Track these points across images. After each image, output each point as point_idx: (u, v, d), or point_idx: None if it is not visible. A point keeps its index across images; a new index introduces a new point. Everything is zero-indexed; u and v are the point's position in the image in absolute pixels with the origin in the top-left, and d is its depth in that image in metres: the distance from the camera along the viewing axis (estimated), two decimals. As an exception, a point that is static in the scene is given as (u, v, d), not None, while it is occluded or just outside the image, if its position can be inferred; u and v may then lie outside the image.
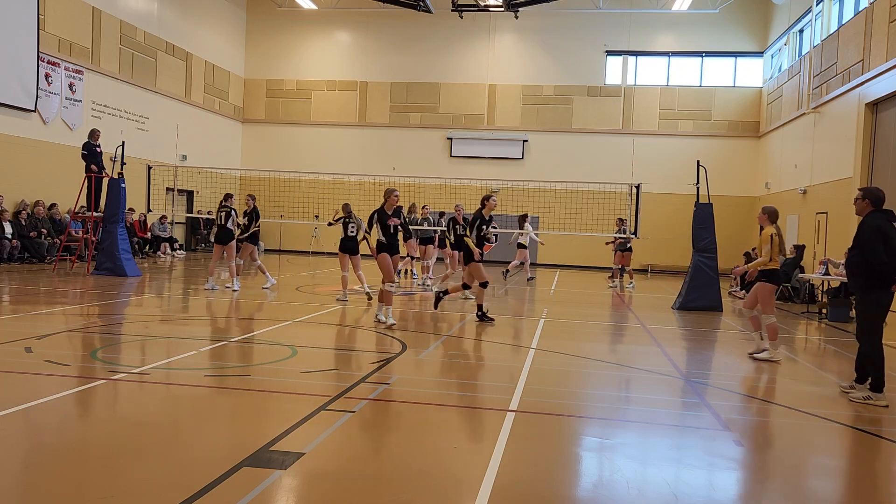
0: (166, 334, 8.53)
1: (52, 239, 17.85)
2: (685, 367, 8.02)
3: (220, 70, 27.73)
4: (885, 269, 6.03)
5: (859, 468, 4.76)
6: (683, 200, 21.92)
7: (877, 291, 6.15)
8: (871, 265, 6.08)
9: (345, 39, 29.29)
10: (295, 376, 6.45)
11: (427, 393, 6.07)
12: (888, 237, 6.08)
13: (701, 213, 13.94)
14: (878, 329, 6.19)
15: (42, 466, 3.86)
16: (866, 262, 6.11)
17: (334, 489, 3.74)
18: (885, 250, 6.03)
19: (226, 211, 13.26)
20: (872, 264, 6.07)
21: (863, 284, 6.20)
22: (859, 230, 6.25)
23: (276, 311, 10.73)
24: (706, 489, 4.09)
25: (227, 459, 4.01)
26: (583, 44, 27.64)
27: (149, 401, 5.51)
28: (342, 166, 26.91)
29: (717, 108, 27.06)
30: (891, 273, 6.06)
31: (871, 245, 6.07)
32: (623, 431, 5.19)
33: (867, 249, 6.09)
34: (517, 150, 27.95)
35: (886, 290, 6.12)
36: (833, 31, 19.76)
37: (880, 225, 6.13)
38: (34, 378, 5.84)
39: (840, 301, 13.08)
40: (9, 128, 17.39)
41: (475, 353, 8.27)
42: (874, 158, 17.09)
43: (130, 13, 22.13)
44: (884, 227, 6.11)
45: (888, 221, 6.20)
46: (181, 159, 23.57)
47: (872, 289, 6.16)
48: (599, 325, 11.37)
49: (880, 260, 6.02)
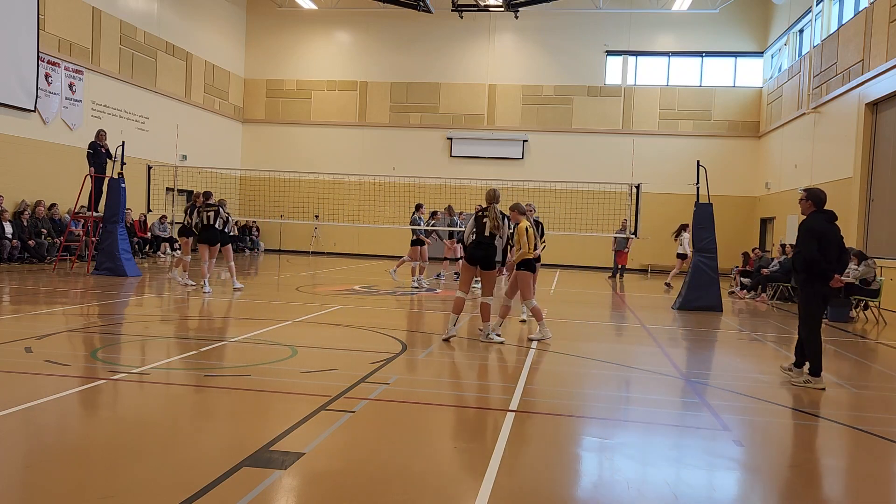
0: (166, 334, 8.53)
1: (53, 239, 17.85)
2: (685, 367, 8.03)
3: (220, 70, 27.73)
4: (818, 265, 6.62)
5: (859, 468, 4.76)
6: (683, 200, 21.91)
7: (816, 286, 6.75)
8: (808, 262, 6.67)
9: (345, 39, 29.29)
10: (295, 376, 6.45)
11: (427, 393, 6.07)
12: (824, 235, 6.67)
13: (701, 213, 13.94)
14: (818, 319, 6.85)
15: (42, 466, 3.86)
16: (805, 259, 6.70)
17: (334, 489, 3.74)
18: (823, 247, 6.62)
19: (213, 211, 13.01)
20: (809, 261, 6.65)
21: (804, 279, 6.82)
22: (798, 230, 6.89)
23: (276, 311, 10.72)
24: (706, 489, 4.09)
25: (227, 459, 4.01)
26: (583, 44, 27.64)
27: (149, 401, 5.51)
28: (342, 166, 26.92)
29: (717, 108, 27.06)
30: (825, 269, 6.63)
31: (806, 244, 6.68)
32: (623, 431, 5.19)
33: (803, 248, 6.70)
34: (517, 150, 27.95)
35: (824, 284, 6.70)
36: (833, 31, 19.76)
37: (814, 225, 6.73)
38: (34, 378, 5.84)
39: (840, 301, 13.08)
40: (9, 128, 17.39)
41: (475, 353, 8.27)
42: (874, 158, 17.09)
43: (130, 13, 22.13)
44: (819, 226, 6.71)
45: (827, 222, 6.78)
46: (181, 159, 23.57)
47: (813, 283, 6.77)
48: (599, 325, 11.37)
49: (813, 257, 6.62)
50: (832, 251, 6.69)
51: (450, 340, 8.56)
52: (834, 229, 6.78)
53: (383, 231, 22.95)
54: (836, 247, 6.75)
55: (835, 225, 6.82)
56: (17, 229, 17.08)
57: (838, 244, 6.80)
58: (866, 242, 16.83)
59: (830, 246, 6.68)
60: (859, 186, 17.26)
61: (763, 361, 8.31)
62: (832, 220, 6.84)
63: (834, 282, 6.72)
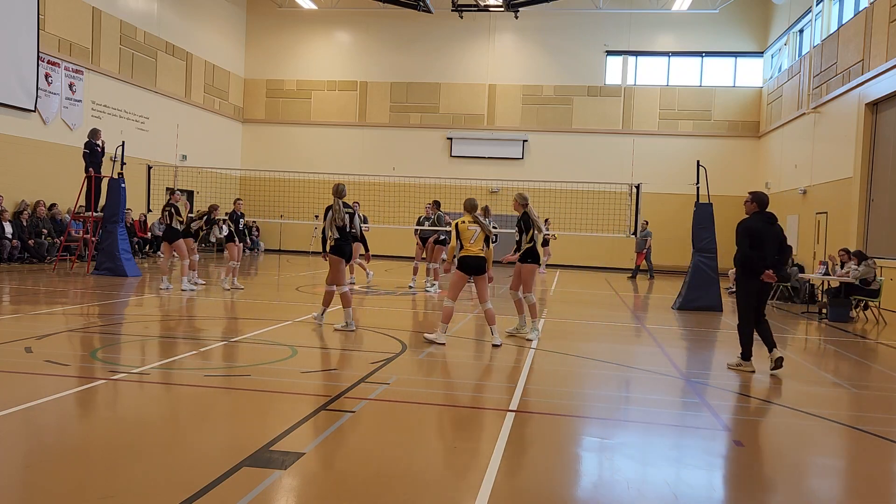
0: (166, 334, 8.53)
1: (53, 239, 17.85)
2: (685, 367, 8.03)
3: (220, 70, 27.73)
4: (750, 261, 7.33)
5: (859, 468, 4.76)
6: (683, 200, 21.91)
7: (750, 280, 7.42)
8: (742, 258, 7.39)
9: (345, 39, 29.29)
10: (295, 376, 6.45)
11: (427, 393, 6.07)
12: (761, 234, 7.35)
13: (701, 213, 13.94)
14: (751, 309, 7.52)
15: (42, 466, 3.86)
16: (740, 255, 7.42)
17: (334, 489, 3.74)
18: (759, 246, 7.31)
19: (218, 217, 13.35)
20: (742, 258, 7.39)
21: (739, 274, 7.53)
22: (736, 229, 7.53)
23: (277, 311, 10.72)
24: (706, 489, 4.10)
25: (227, 459, 4.01)
26: (583, 44, 27.64)
27: (149, 401, 5.51)
28: (342, 166, 26.90)
29: (717, 108, 27.06)
30: (758, 265, 7.30)
31: (741, 242, 7.40)
32: (623, 431, 5.19)
33: (739, 246, 7.42)
34: (517, 150, 27.94)
35: (756, 279, 7.36)
36: (833, 31, 19.76)
37: (751, 225, 7.42)
38: (34, 378, 5.84)
39: (840, 301, 13.08)
40: (9, 128, 17.39)
41: (475, 353, 8.27)
42: (874, 158, 17.09)
43: (130, 13, 22.13)
44: (757, 226, 7.41)
45: (766, 223, 7.45)
46: (181, 159, 23.57)
47: (747, 278, 7.44)
48: (599, 325, 11.37)
49: (747, 254, 7.33)
50: (769, 249, 7.35)
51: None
52: (774, 230, 7.45)
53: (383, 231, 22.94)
54: (774, 245, 7.40)
55: (775, 226, 7.49)
56: (17, 229, 17.08)
57: (779, 243, 7.44)
58: (866, 242, 16.83)
59: (766, 244, 7.34)
60: (859, 186, 17.26)
61: (763, 361, 8.31)
62: (772, 221, 7.50)
63: (765, 276, 7.29)
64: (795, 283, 16.39)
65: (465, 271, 8.39)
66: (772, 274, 7.31)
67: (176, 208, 12.95)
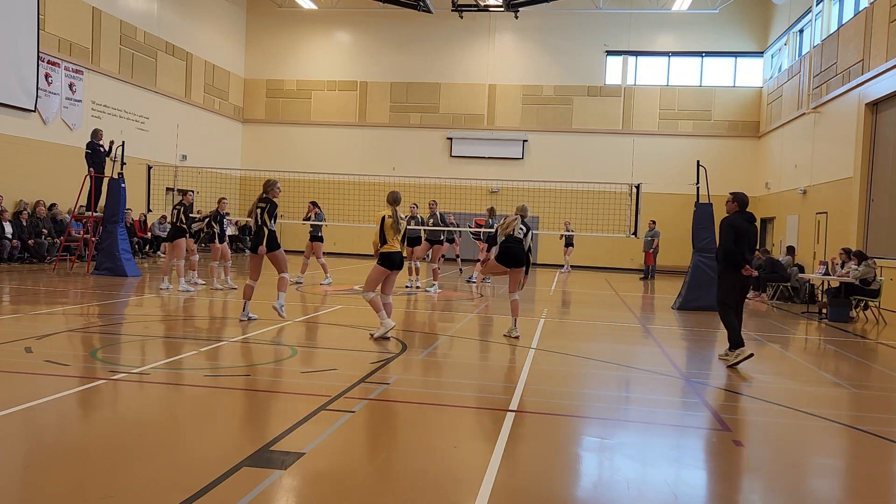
0: (166, 334, 8.53)
1: (53, 239, 17.85)
2: (685, 367, 8.03)
3: (220, 70, 27.73)
4: (732, 256, 7.70)
5: (859, 468, 4.76)
6: (683, 200, 21.92)
7: (731, 274, 7.80)
8: (725, 253, 7.76)
9: (345, 39, 29.29)
10: (295, 376, 6.45)
11: (427, 393, 6.07)
12: (742, 231, 7.76)
13: (701, 213, 13.94)
14: (732, 302, 7.89)
15: (42, 466, 3.86)
16: (723, 251, 7.79)
17: (334, 489, 3.73)
18: (740, 242, 7.70)
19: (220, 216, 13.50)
20: (725, 252, 7.75)
21: (722, 269, 7.92)
22: (719, 227, 7.94)
23: (276, 311, 10.69)
24: (706, 489, 4.10)
25: (227, 459, 4.01)
26: (583, 44, 27.64)
27: (149, 401, 5.51)
28: (342, 166, 26.90)
29: (717, 108, 27.06)
30: (739, 260, 7.69)
31: (724, 238, 7.80)
32: (623, 431, 5.18)
33: (722, 241, 7.81)
34: (517, 150, 27.94)
35: (738, 273, 7.74)
36: (833, 31, 19.76)
37: (734, 223, 7.83)
38: (34, 378, 5.84)
39: (840, 301, 13.07)
40: (9, 128, 17.39)
41: (475, 353, 8.27)
42: (874, 158, 17.09)
43: (130, 13, 22.13)
44: (739, 224, 7.82)
45: (745, 221, 7.87)
46: (181, 159, 23.56)
47: (730, 272, 7.82)
48: (599, 325, 11.37)
49: (730, 249, 7.71)
50: (747, 246, 7.80)
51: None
52: (752, 229, 7.93)
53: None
54: (751, 243, 7.88)
55: (753, 225, 7.97)
56: (17, 229, 17.08)
57: (753, 241, 7.94)
58: (866, 242, 16.83)
59: (745, 241, 7.77)
60: (859, 186, 17.26)
61: (763, 361, 8.31)
62: (752, 220, 7.96)
63: (745, 271, 7.72)
64: (795, 283, 16.39)
65: (389, 267, 8.52)
66: (751, 269, 7.78)
67: (186, 208, 13.08)
